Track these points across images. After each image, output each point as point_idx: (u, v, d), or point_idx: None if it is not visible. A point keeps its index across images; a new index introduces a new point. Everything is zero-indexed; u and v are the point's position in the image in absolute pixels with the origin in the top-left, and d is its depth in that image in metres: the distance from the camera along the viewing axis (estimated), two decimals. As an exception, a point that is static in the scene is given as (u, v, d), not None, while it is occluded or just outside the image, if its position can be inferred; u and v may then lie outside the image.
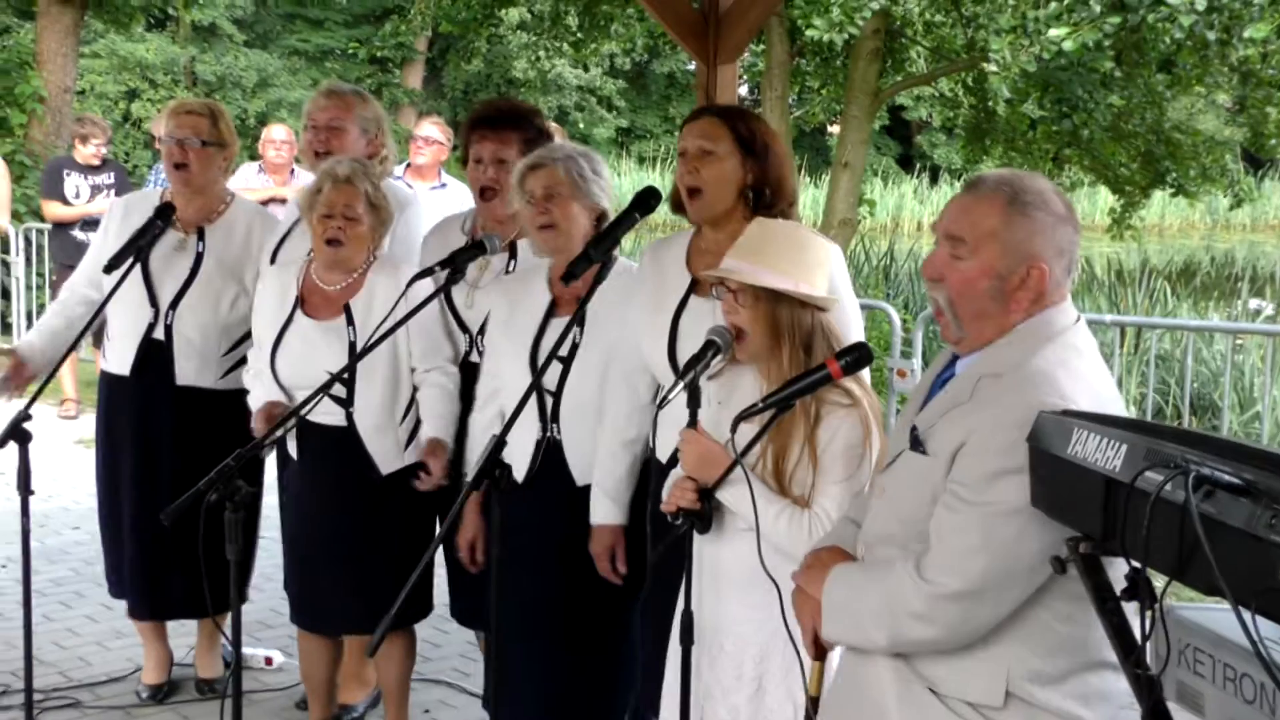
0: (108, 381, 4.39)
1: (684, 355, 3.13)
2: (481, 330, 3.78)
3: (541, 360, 3.38)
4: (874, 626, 2.28)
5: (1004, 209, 2.25)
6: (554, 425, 3.42)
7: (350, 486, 3.75)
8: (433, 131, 7.42)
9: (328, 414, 3.72)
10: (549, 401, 3.40)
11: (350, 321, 3.76)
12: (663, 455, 3.21)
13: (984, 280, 2.25)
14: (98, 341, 4.86)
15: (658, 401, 2.81)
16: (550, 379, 3.39)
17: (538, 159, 3.44)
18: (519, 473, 3.40)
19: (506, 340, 3.52)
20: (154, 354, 4.24)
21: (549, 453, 3.42)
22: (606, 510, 3.34)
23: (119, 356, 4.30)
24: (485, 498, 3.12)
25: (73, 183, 9.34)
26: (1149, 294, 12.87)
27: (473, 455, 3.60)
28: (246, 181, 8.72)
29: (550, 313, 3.47)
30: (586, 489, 3.39)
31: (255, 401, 3.85)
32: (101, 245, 4.35)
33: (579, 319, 3.21)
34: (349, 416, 3.74)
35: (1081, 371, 2.21)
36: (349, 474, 3.75)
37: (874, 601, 2.28)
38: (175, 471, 4.09)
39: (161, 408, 4.26)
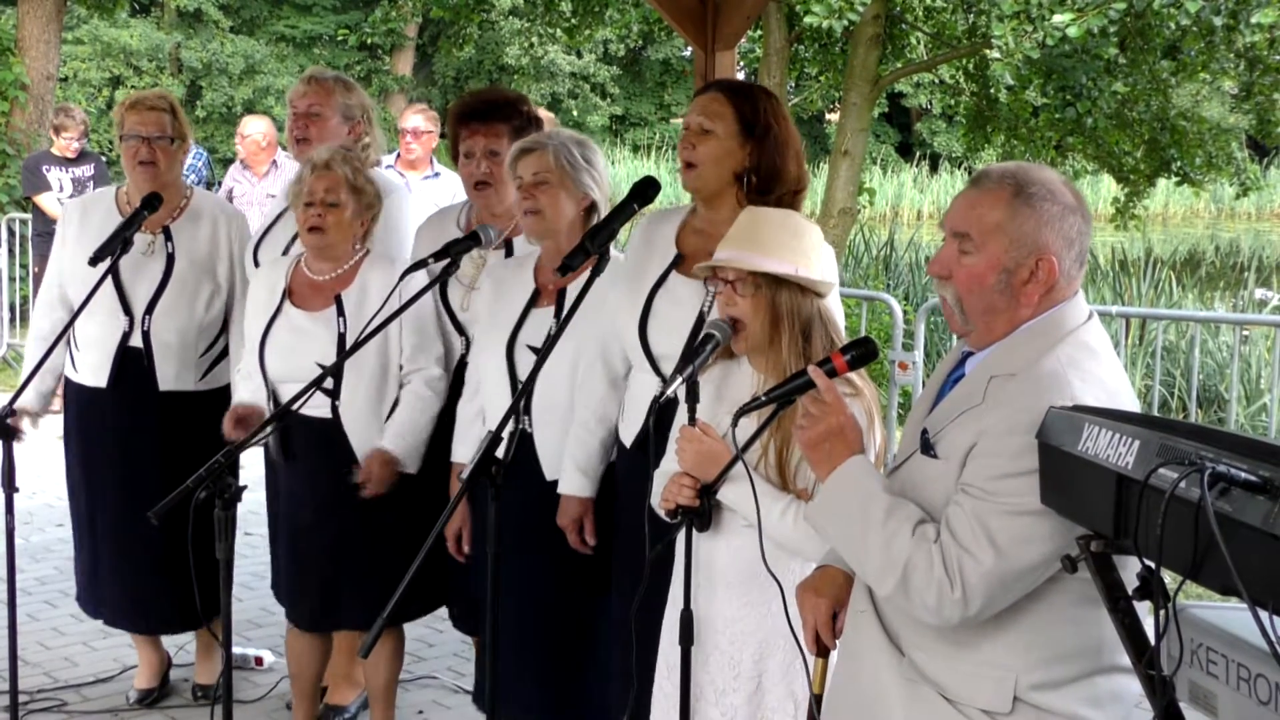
0: (80, 393, 4.24)
1: (654, 334, 3.11)
2: None
3: (518, 352, 3.36)
4: (875, 570, 2.21)
5: (1009, 201, 2.20)
6: (525, 418, 3.37)
7: (337, 479, 3.68)
8: (419, 122, 7.37)
9: (314, 406, 3.64)
10: None
11: (341, 312, 3.70)
12: (626, 438, 3.17)
13: (991, 275, 2.21)
14: None
15: (654, 396, 2.73)
16: (525, 371, 3.34)
17: (531, 143, 3.41)
18: None
19: (488, 328, 3.48)
20: (131, 362, 4.13)
21: (520, 445, 3.36)
22: (578, 482, 3.27)
23: (92, 368, 4.17)
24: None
25: (55, 176, 9.23)
26: (1153, 284, 12.81)
27: (460, 445, 3.57)
28: (230, 177, 8.68)
29: (532, 303, 3.42)
30: (555, 484, 3.33)
31: (236, 400, 3.80)
32: (60, 253, 4.23)
33: (559, 313, 3.14)
34: (334, 409, 3.69)
35: (1094, 372, 2.17)
36: (334, 467, 3.69)
37: (883, 555, 2.19)
38: (162, 478, 3.94)
39: (144, 416, 4.15)
